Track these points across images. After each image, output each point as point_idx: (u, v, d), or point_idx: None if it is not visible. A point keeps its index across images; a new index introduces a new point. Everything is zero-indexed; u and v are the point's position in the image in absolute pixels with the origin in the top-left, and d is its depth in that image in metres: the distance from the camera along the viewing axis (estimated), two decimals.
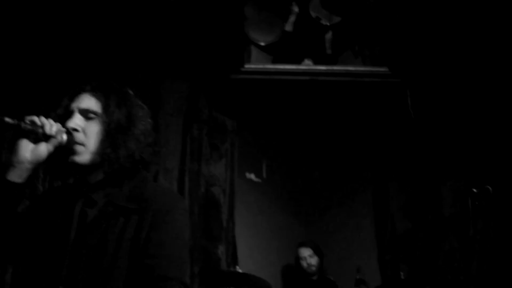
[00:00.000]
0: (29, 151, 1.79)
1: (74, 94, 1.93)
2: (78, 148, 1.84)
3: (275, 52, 5.21)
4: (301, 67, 5.11)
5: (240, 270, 4.60)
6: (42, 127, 1.79)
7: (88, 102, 1.90)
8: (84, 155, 1.84)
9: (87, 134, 1.86)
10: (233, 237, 5.39)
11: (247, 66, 5.09)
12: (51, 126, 1.80)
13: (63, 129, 1.83)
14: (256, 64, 5.12)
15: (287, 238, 5.88)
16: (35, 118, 1.80)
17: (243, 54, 5.12)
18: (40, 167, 1.84)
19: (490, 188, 3.76)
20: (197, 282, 5.04)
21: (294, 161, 5.90)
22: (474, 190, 3.74)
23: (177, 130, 5.12)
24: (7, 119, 1.74)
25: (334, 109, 5.52)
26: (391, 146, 5.73)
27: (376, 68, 5.09)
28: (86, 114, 1.88)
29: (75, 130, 1.85)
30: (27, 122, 1.78)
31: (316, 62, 5.16)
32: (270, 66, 5.10)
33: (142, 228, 1.78)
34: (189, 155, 5.17)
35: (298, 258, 5.44)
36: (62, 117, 1.88)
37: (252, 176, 5.95)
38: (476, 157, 5.19)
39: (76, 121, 1.86)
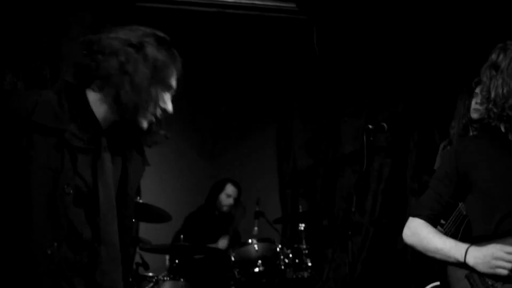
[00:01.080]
0: None
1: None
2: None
3: None
4: None
5: (141, 201, 4.56)
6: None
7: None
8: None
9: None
10: None
11: None
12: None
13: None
14: None
15: (192, 171, 5.91)
16: None
17: None
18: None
19: (385, 125, 3.91)
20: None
21: (201, 95, 5.86)
22: (370, 126, 3.86)
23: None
24: None
25: (241, 43, 5.48)
26: (296, 83, 5.81)
27: (284, 4, 5.07)
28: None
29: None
30: None
31: None
32: None
33: None
34: None
35: (220, 191, 5.35)
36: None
37: None
38: (376, 95, 5.36)
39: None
